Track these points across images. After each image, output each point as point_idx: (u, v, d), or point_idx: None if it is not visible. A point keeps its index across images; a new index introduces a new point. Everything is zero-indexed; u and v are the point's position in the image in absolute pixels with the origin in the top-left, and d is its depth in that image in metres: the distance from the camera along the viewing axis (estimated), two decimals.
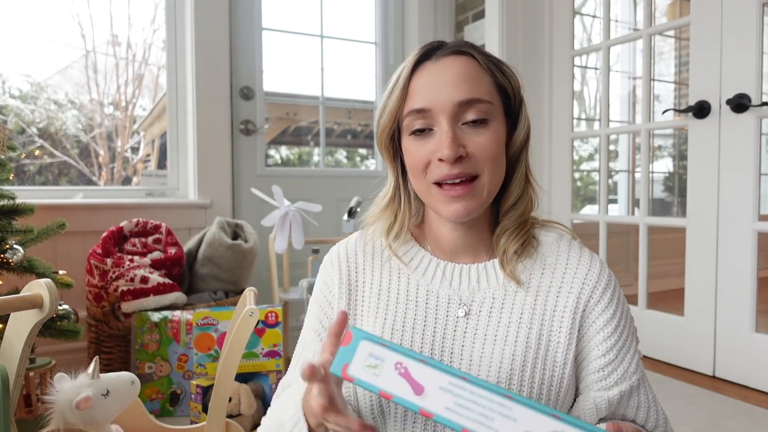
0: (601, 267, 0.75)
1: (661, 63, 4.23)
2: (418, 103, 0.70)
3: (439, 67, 0.70)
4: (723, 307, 1.91)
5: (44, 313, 0.89)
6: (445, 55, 0.71)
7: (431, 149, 0.69)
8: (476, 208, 0.71)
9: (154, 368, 1.73)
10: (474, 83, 0.69)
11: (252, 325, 1.13)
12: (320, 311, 0.80)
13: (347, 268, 0.80)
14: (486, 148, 0.69)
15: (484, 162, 0.69)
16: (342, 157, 3.32)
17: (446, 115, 0.68)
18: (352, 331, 0.54)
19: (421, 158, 0.70)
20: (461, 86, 0.69)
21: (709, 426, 1.58)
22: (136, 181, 2.83)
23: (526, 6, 2.52)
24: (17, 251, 1.48)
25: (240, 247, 2.01)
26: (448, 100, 0.68)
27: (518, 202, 0.75)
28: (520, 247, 0.74)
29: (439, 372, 0.50)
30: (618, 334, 0.72)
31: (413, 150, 0.71)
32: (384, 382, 0.51)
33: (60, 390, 1.06)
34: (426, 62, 0.72)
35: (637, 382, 0.73)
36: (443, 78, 0.69)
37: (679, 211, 4.23)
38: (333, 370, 0.53)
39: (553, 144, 2.59)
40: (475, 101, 0.69)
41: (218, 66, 2.43)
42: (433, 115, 0.69)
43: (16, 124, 2.43)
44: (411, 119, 0.71)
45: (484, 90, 0.70)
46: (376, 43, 2.90)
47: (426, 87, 0.70)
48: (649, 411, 0.74)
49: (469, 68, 0.70)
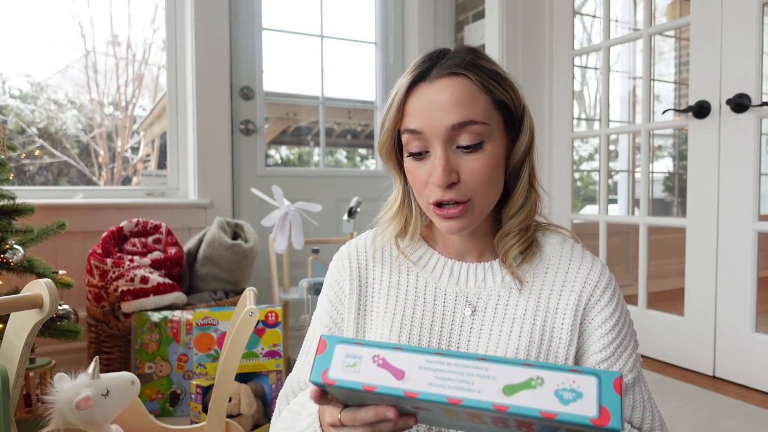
0: (602, 268, 0.77)
1: (661, 63, 4.23)
2: (412, 124, 0.71)
3: (433, 90, 0.70)
4: (723, 307, 1.91)
5: (44, 313, 0.89)
6: (439, 77, 0.70)
7: (428, 171, 0.71)
8: (470, 224, 0.73)
9: (154, 368, 1.73)
10: (468, 106, 0.68)
11: (252, 325, 1.13)
12: (330, 307, 0.82)
13: (357, 265, 0.82)
14: (478, 174, 0.70)
15: (477, 186, 0.70)
16: (342, 157, 3.32)
17: (439, 139, 0.69)
18: (325, 338, 0.55)
19: (420, 179, 0.72)
20: (454, 110, 0.68)
21: (709, 426, 1.58)
22: (136, 181, 2.83)
23: (526, 6, 2.52)
24: (17, 251, 1.48)
25: (240, 247, 2.01)
26: (440, 124, 0.68)
27: (521, 209, 0.76)
28: (522, 252, 0.76)
29: (415, 354, 0.52)
30: (615, 333, 0.74)
31: (412, 170, 0.73)
32: (365, 376, 0.52)
33: (60, 390, 1.06)
34: (420, 84, 0.71)
35: (633, 381, 0.75)
36: (436, 101, 0.69)
37: (679, 211, 4.23)
38: (313, 379, 0.54)
39: (553, 144, 2.58)
40: (468, 123, 0.68)
41: (218, 66, 2.43)
42: (426, 137, 0.70)
43: (16, 124, 2.43)
44: (407, 138, 0.72)
45: (479, 111, 0.69)
46: (376, 43, 2.90)
47: (419, 110, 0.70)
48: (645, 412, 0.75)
49: (464, 90, 0.69)
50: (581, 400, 0.46)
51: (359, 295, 0.80)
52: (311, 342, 0.84)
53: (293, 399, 0.81)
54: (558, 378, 0.48)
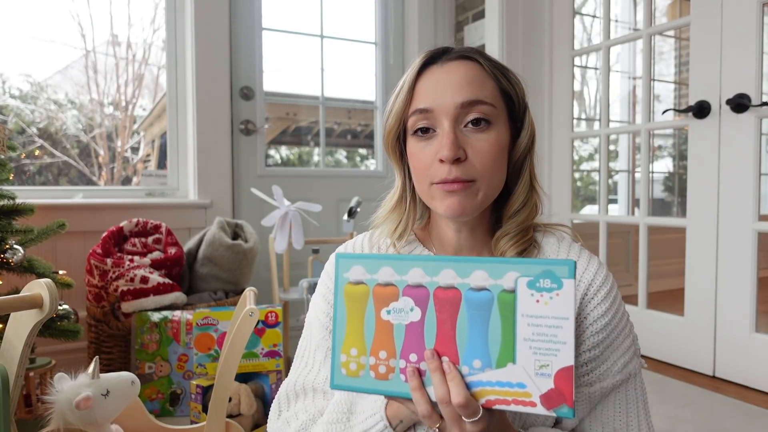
0: (598, 267, 0.76)
1: (661, 63, 4.23)
2: (422, 103, 0.72)
3: (444, 71, 0.72)
4: (723, 307, 1.91)
5: (44, 313, 0.89)
6: (450, 60, 0.73)
7: (433, 150, 0.71)
8: (471, 207, 0.72)
9: (154, 368, 1.73)
10: (477, 86, 0.71)
11: (252, 325, 1.12)
12: (326, 305, 0.81)
13: None
14: (485, 153, 0.70)
15: (482, 166, 0.70)
16: (342, 157, 3.32)
17: (448, 117, 0.70)
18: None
19: (425, 159, 0.72)
20: (464, 88, 0.70)
21: (709, 426, 1.58)
22: (136, 181, 2.83)
23: (526, 6, 2.52)
24: (17, 251, 1.48)
25: (240, 247, 2.01)
26: (450, 102, 0.70)
27: (522, 209, 0.76)
28: (520, 253, 0.75)
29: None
30: (606, 333, 0.72)
31: (416, 151, 0.73)
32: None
33: (60, 390, 1.06)
34: (432, 66, 0.74)
35: (621, 381, 0.74)
36: (447, 80, 0.71)
37: (679, 211, 4.23)
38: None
39: (553, 144, 2.59)
40: (477, 102, 0.70)
41: (218, 66, 2.43)
42: (435, 116, 0.71)
43: (16, 124, 2.43)
44: (415, 119, 0.73)
45: (488, 93, 0.71)
46: (376, 43, 2.90)
47: (430, 89, 0.72)
48: (629, 417, 0.74)
49: (474, 72, 0.72)
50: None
51: None
52: (307, 344, 0.83)
53: (294, 403, 0.80)
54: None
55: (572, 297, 0.53)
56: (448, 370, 0.57)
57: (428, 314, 0.58)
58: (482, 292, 0.56)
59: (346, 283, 0.61)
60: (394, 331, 0.60)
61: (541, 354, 0.55)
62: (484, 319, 0.56)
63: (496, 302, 0.56)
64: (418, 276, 0.58)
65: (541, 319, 0.54)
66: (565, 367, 0.54)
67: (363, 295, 0.61)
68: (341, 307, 0.62)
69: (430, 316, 0.58)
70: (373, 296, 0.60)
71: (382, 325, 0.60)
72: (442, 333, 0.58)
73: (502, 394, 0.56)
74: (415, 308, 0.59)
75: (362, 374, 0.61)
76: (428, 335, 0.58)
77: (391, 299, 0.59)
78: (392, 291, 0.59)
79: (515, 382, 0.56)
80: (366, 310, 0.61)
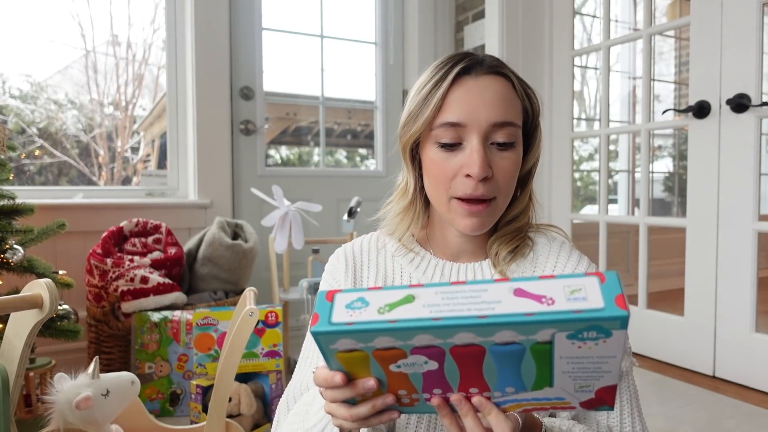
0: (588, 266, 0.79)
1: (661, 63, 4.23)
2: (453, 116, 0.70)
3: (479, 85, 0.71)
4: (723, 307, 1.91)
5: (44, 313, 0.89)
6: (485, 73, 0.72)
7: (459, 163, 0.71)
8: (488, 224, 0.75)
9: (154, 368, 1.73)
10: (509, 106, 0.71)
11: (252, 325, 1.12)
12: None
13: (353, 264, 0.83)
14: (507, 173, 0.72)
15: (504, 185, 0.72)
16: (342, 157, 3.32)
17: (479, 133, 0.70)
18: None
19: (448, 171, 0.72)
20: (498, 107, 0.70)
21: (709, 426, 1.58)
22: (136, 181, 2.83)
23: (526, 6, 2.52)
24: (17, 251, 1.48)
25: (240, 247, 2.01)
26: (484, 119, 0.70)
27: (520, 216, 0.79)
28: (512, 250, 0.78)
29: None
30: None
31: (439, 161, 0.72)
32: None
33: (60, 390, 1.06)
34: (465, 77, 0.71)
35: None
36: (483, 96, 0.70)
37: (679, 211, 4.23)
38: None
39: (553, 144, 2.59)
40: (507, 124, 0.71)
41: (218, 66, 2.43)
42: (466, 130, 0.70)
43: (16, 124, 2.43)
44: (442, 130, 0.71)
45: (516, 113, 0.72)
46: (376, 43, 2.90)
47: (464, 102, 0.70)
48: (623, 413, 0.74)
49: (506, 90, 0.72)
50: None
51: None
52: (310, 346, 0.83)
53: (294, 404, 0.80)
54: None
55: (622, 342, 0.46)
56: (480, 404, 0.52)
57: (447, 364, 0.49)
58: (511, 345, 0.47)
59: (337, 352, 0.50)
60: (411, 378, 0.52)
61: (582, 380, 0.50)
62: (514, 364, 0.49)
63: (528, 352, 0.47)
64: (427, 340, 0.47)
65: (583, 359, 0.48)
66: (608, 386, 0.50)
67: (362, 359, 0.50)
68: (337, 369, 0.52)
69: (450, 365, 0.49)
70: (374, 359, 0.50)
71: (394, 375, 0.51)
72: (465, 374, 0.50)
73: (540, 405, 0.53)
74: (429, 362, 0.49)
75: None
76: (451, 378, 0.51)
77: (399, 358, 0.49)
78: (397, 353, 0.49)
79: (553, 397, 0.52)
80: (370, 368, 0.51)
